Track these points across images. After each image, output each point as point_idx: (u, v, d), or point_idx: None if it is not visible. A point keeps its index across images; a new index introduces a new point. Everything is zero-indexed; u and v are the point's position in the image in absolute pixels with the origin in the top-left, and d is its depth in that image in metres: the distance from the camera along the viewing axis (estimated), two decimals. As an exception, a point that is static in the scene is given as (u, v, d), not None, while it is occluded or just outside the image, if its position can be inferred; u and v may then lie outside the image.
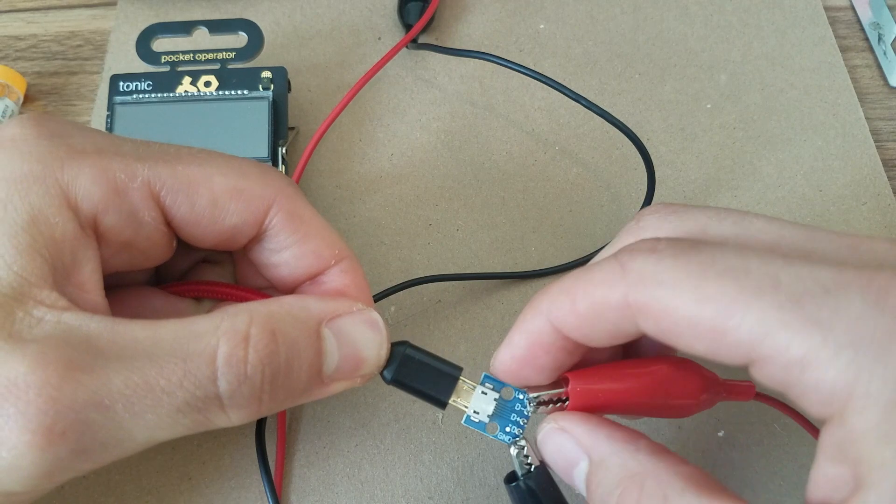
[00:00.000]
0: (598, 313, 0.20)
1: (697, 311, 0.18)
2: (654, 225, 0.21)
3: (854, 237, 0.19)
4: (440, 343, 0.32)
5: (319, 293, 0.24)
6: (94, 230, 0.22)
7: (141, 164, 0.22)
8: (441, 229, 0.35)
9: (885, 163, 0.37)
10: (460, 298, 0.33)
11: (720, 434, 0.30)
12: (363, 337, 0.23)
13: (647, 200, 0.33)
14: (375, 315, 0.23)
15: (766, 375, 0.18)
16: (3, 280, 0.19)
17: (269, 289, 0.26)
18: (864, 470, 0.16)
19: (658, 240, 0.20)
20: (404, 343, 0.24)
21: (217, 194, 0.23)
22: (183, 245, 0.25)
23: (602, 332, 0.21)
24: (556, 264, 0.34)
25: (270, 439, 0.29)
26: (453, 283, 0.34)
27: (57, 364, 0.18)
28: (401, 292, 0.33)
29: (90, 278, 0.21)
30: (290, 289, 0.25)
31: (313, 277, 0.25)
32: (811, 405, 0.17)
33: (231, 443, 0.30)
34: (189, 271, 0.27)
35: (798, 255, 0.18)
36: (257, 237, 0.24)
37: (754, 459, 0.29)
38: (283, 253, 0.24)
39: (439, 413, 0.30)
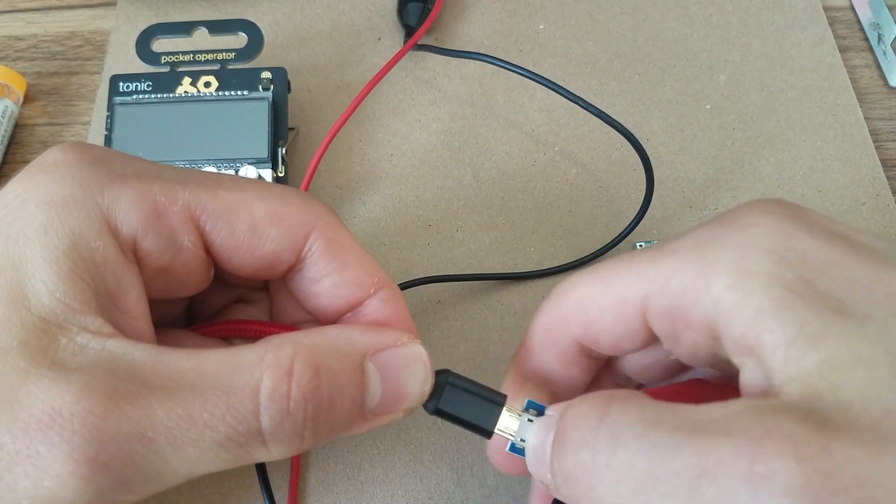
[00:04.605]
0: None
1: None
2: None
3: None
4: (440, 343, 0.32)
5: (362, 324, 0.24)
6: (134, 254, 0.21)
7: (181, 188, 0.22)
8: (441, 230, 0.35)
9: (884, 163, 0.37)
10: (460, 299, 0.34)
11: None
12: (407, 371, 0.22)
13: (646, 201, 0.33)
14: (420, 348, 0.22)
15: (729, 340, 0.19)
16: (46, 306, 0.19)
17: (305, 323, 0.26)
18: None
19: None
20: (446, 372, 0.23)
21: (257, 219, 0.22)
22: (218, 283, 0.25)
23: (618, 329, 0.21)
24: (555, 265, 0.34)
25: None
26: (453, 283, 0.34)
27: (101, 394, 0.18)
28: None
29: (136, 304, 0.21)
30: (331, 321, 0.25)
31: (354, 308, 0.24)
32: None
33: (231, 443, 0.30)
34: (222, 311, 0.27)
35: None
36: (296, 266, 0.24)
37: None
38: (323, 282, 0.24)
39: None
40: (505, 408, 0.23)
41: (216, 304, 0.27)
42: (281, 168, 0.34)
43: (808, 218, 0.19)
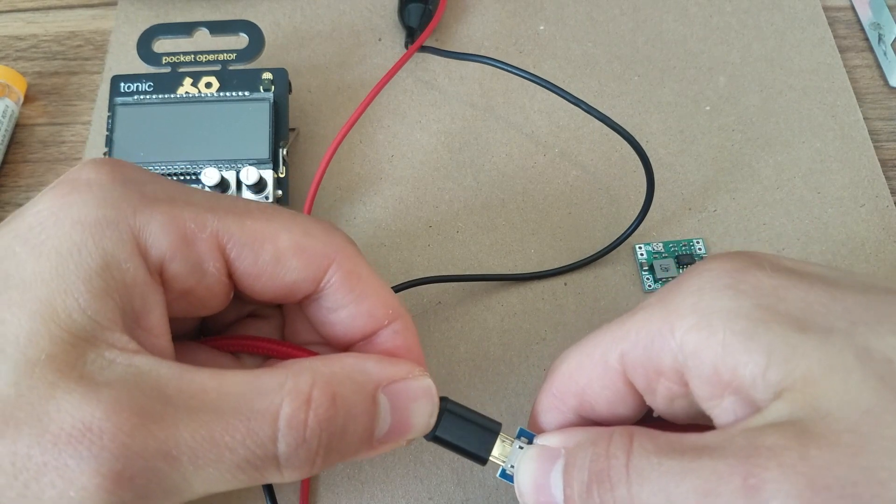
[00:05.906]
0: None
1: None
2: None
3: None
4: (440, 344, 0.33)
5: (374, 354, 0.25)
6: (159, 276, 0.22)
7: (211, 216, 0.22)
8: (441, 231, 0.36)
9: (883, 163, 0.37)
10: (460, 300, 0.34)
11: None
12: (416, 405, 0.23)
13: (647, 203, 0.33)
14: (428, 382, 0.23)
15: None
16: (77, 323, 0.20)
17: (316, 345, 0.26)
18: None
19: None
20: (444, 399, 0.24)
21: (281, 250, 0.23)
22: (234, 297, 0.25)
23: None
24: (555, 266, 0.34)
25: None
26: (453, 284, 0.34)
27: (130, 412, 0.19)
28: (401, 293, 0.33)
29: (158, 323, 0.22)
30: (344, 347, 0.25)
31: (367, 337, 0.25)
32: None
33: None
34: (235, 324, 0.27)
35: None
36: (314, 294, 0.24)
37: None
38: (339, 312, 0.24)
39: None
40: (499, 436, 0.24)
41: (229, 316, 0.27)
42: (282, 169, 0.34)
43: (757, 257, 0.21)
